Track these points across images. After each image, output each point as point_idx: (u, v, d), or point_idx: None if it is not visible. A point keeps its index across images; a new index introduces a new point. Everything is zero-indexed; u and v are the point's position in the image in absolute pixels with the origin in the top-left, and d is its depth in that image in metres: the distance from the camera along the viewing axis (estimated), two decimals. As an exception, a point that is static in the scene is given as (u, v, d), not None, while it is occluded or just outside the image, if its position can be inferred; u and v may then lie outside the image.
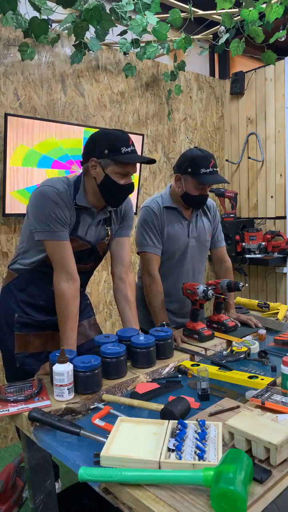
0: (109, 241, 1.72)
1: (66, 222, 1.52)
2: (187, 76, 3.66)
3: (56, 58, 2.76)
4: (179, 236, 1.96)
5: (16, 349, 1.63)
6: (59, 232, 1.51)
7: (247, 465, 0.86)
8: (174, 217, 1.96)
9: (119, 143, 1.48)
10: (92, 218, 1.62)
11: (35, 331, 1.66)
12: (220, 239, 2.16)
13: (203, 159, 1.80)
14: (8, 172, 2.46)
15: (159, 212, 1.94)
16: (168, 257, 1.99)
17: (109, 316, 3.23)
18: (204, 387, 1.31)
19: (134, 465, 0.94)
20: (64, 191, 1.53)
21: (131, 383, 1.44)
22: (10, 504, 1.95)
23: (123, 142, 1.49)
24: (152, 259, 1.94)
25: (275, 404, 1.16)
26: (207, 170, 1.79)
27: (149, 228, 1.93)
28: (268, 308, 2.23)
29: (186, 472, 0.89)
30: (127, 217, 1.77)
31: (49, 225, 1.49)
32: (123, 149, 1.48)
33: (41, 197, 1.51)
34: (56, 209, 1.49)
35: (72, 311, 1.54)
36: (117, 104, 3.14)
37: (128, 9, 2.46)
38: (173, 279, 2.01)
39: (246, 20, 2.64)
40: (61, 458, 1.09)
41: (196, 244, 2.02)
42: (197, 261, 2.07)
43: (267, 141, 3.70)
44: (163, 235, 1.95)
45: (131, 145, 1.50)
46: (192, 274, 2.05)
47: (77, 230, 1.58)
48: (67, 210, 1.52)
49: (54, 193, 1.50)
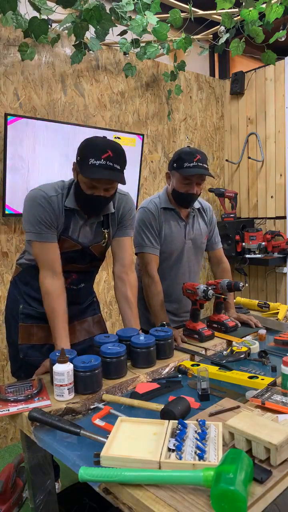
0: (106, 243, 1.72)
1: (52, 224, 1.56)
2: (187, 76, 3.66)
3: (56, 58, 2.76)
4: (176, 237, 1.98)
5: (20, 340, 1.70)
6: (44, 234, 1.55)
7: (247, 465, 0.86)
8: (171, 217, 1.98)
9: (90, 154, 1.43)
10: (83, 220, 1.64)
11: (38, 323, 1.71)
12: (217, 241, 2.18)
13: (188, 154, 1.83)
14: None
15: (156, 212, 1.95)
16: (165, 258, 2.00)
17: (109, 316, 3.23)
18: (204, 387, 1.31)
19: (134, 465, 0.94)
20: (55, 195, 1.57)
21: (131, 383, 1.44)
22: (10, 504, 1.95)
23: (95, 153, 1.42)
24: (151, 259, 1.94)
25: (275, 404, 1.16)
26: (190, 164, 1.81)
27: (147, 228, 1.93)
28: (268, 308, 2.23)
29: (186, 472, 0.89)
30: (126, 217, 1.76)
31: (35, 227, 1.55)
32: (91, 161, 1.42)
33: (29, 201, 1.57)
34: (42, 212, 1.54)
35: (58, 309, 1.55)
36: (117, 104, 3.14)
37: (128, 9, 2.46)
38: (170, 280, 2.02)
39: (246, 20, 2.64)
40: (61, 458, 1.09)
41: (192, 245, 2.04)
42: (193, 263, 2.08)
43: (267, 141, 3.70)
44: (161, 236, 1.95)
45: (104, 159, 1.42)
46: (188, 275, 2.07)
47: (68, 231, 1.61)
48: (53, 213, 1.56)
49: (41, 197, 1.54)
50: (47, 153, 2.62)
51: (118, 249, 1.77)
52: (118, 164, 1.47)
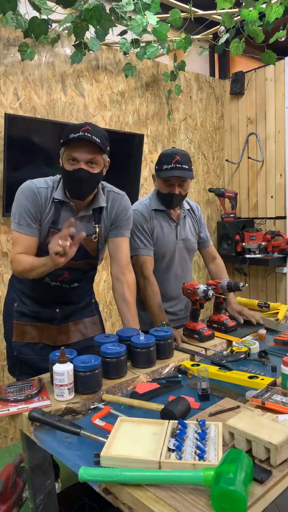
0: (98, 240, 1.70)
1: (35, 217, 1.58)
2: (187, 76, 3.66)
3: (56, 58, 2.76)
4: (168, 238, 2.00)
5: (14, 338, 1.72)
6: (25, 226, 1.58)
7: (247, 465, 0.86)
8: (162, 219, 2.00)
9: (69, 131, 1.50)
10: (73, 213, 1.64)
11: (31, 321, 1.74)
12: (208, 239, 2.21)
13: (167, 156, 1.86)
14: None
15: (148, 214, 1.96)
16: (158, 259, 2.00)
17: (109, 316, 3.23)
18: (204, 387, 1.31)
19: (134, 465, 0.94)
20: (45, 187, 1.60)
21: (131, 383, 1.44)
22: (10, 504, 1.95)
23: (73, 129, 1.50)
24: (145, 261, 1.95)
25: (275, 404, 1.16)
26: (168, 166, 1.83)
27: (139, 231, 1.94)
28: (268, 308, 2.23)
29: (186, 472, 0.89)
30: (120, 217, 1.74)
31: (18, 218, 1.58)
32: (71, 135, 1.48)
33: (18, 192, 1.61)
34: (26, 204, 1.57)
35: (21, 265, 1.56)
36: (117, 104, 3.14)
37: (128, 9, 2.46)
38: (163, 280, 2.02)
39: (246, 20, 2.64)
40: (61, 458, 1.09)
41: (184, 245, 2.06)
42: (185, 262, 2.10)
43: (267, 141, 3.70)
44: (153, 237, 1.97)
45: (83, 131, 1.48)
46: (181, 275, 2.08)
47: (57, 223, 1.62)
48: (38, 205, 1.58)
49: (28, 189, 1.58)
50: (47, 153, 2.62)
51: (114, 250, 1.76)
52: (97, 137, 1.49)
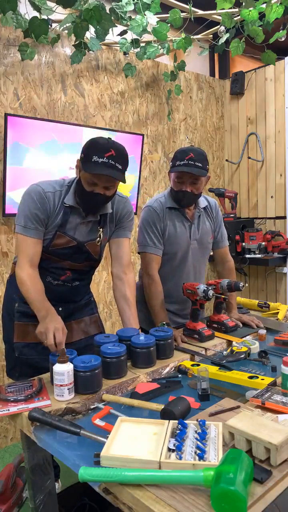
0: (101, 243, 1.72)
1: (42, 221, 1.58)
2: (187, 76, 3.66)
3: (56, 58, 2.76)
4: (181, 237, 1.96)
5: (15, 338, 1.71)
6: (30, 229, 1.57)
7: (248, 465, 0.86)
8: (176, 217, 1.96)
9: (93, 151, 1.48)
10: (81, 218, 1.65)
11: (33, 321, 1.71)
12: (223, 239, 2.15)
13: (182, 152, 1.84)
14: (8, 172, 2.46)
15: (161, 212, 1.94)
16: (169, 258, 1.98)
17: (109, 316, 3.23)
18: (204, 387, 1.31)
19: (134, 465, 0.94)
20: (52, 192, 1.59)
21: (131, 383, 1.44)
22: (10, 504, 1.95)
23: (97, 151, 1.48)
24: (152, 259, 1.94)
25: (275, 404, 1.16)
26: (181, 163, 1.81)
27: (150, 228, 1.93)
28: (268, 308, 2.23)
29: (187, 472, 0.89)
30: (124, 218, 1.77)
31: (23, 221, 1.57)
32: (94, 158, 1.47)
33: (25, 195, 1.59)
34: (33, 207, 1.56)
35: (35, 290, 1.56)
36: (117, 104, 3.14)
37: (128, 9, 2.46)
38: (174, 280, 2.00)
39: (246, 20, 2.64)
40: (61, 458, 1.09)
41: (198, 246, 2.02)
42: (199, 263, 2.06)
43: (267, 141, 3.70)
44: (165, 236, 1.94)
45: (107, 158, 1.47)
46: (194, 276, 2.05)
47: (64, 227, 1.62)
48: (46, 209, 1.57)
49: (36, 192, 1.57)
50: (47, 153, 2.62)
51: (116, 250, 1.78)
52: (120, 164, 1.50)
